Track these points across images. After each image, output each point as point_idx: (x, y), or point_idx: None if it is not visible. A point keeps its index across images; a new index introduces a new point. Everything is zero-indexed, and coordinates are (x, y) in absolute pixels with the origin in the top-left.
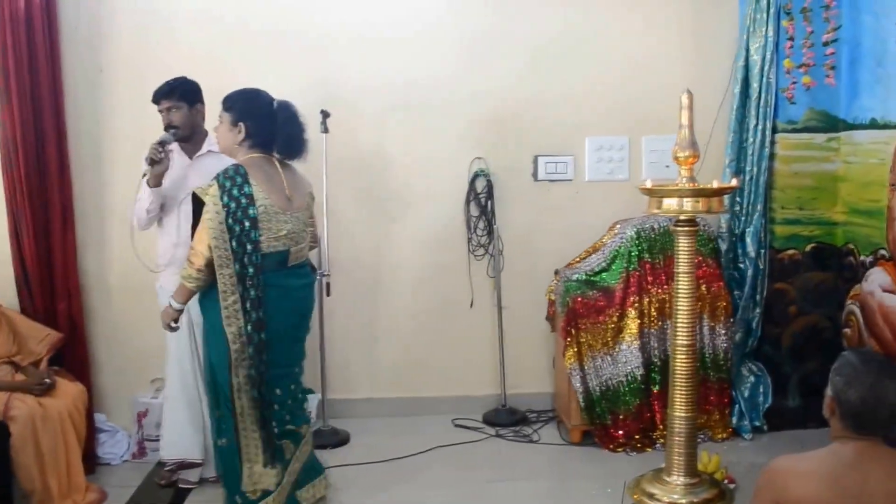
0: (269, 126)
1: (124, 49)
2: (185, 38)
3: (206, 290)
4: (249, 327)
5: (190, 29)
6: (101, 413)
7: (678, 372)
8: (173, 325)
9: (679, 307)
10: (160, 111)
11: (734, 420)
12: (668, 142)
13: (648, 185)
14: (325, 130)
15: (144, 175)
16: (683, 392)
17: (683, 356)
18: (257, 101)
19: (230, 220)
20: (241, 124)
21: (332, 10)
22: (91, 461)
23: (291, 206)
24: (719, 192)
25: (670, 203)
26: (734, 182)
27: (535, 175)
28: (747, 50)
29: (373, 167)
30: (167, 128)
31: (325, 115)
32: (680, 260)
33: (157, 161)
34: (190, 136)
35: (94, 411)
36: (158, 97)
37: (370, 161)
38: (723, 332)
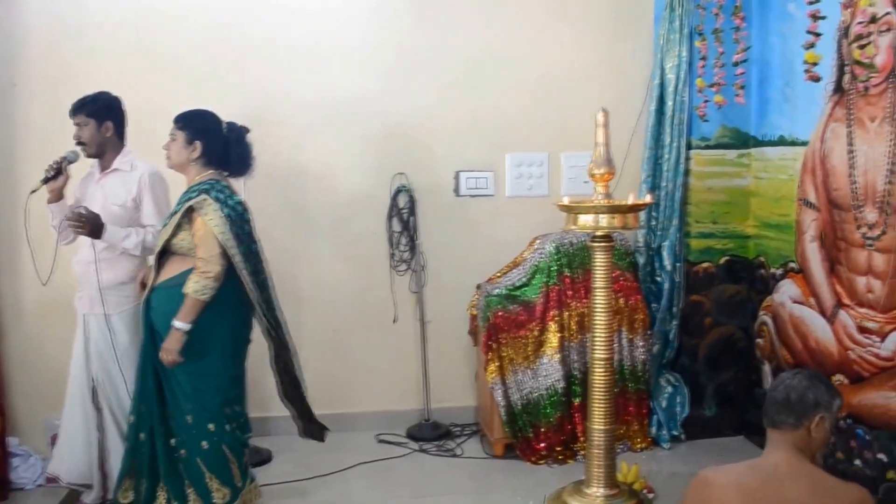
0: (222, 145)
1: (38, 63)
2: (101, 52)
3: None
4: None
5: (106, 43)
6: (14, 437)
7: (596, 385)
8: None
9: (596, 321)
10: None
11: (653, 430)
12: (587, 158)
13: (565, 201)
14: None
15: (33, 190)
16: (602, 405)
17: (601, 370)
18: (210, 120)
19: (235, 228)
20: (197, 142)
21: (253, 25)
22: (4, 486)
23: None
24: (634, 209)
25: (586, 219)
26: (649, 198)
27: (456, 190)
28: (662, 69)
29: (294, 182)
30: (77, 144)
31: (245, 130)
32: (597, 275)
33: (51, 178)
34: (99, 153)
35: (6, 435)
36: (70, 112)
37: (291, 176)
38: (641, 344)
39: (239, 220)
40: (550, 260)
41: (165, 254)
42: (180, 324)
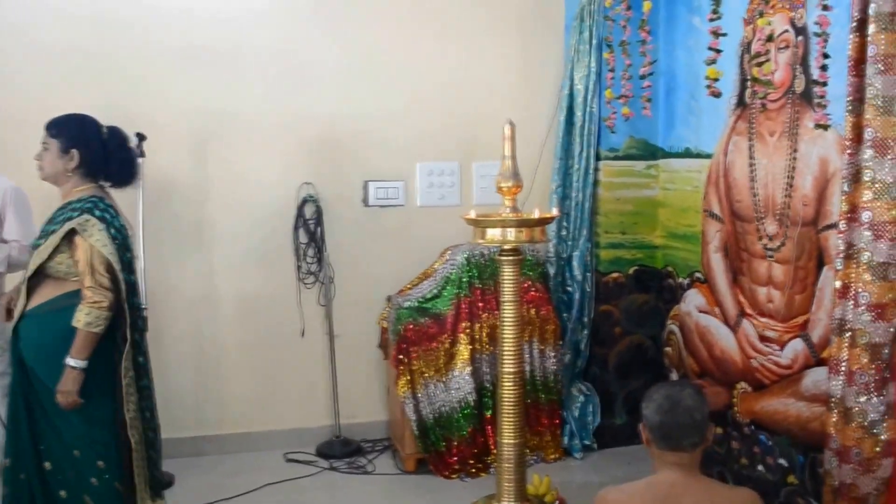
0: (102, 153)
1: None
2: None
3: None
4: (141, 358)
5: None
6: None
7: (505, 399)
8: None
9: (505, 335)
10: None
11: (565, 440)
12: (499, 168)
13: (472, 215)
14: (141, 155)
15: None
16: (511, 419)
17: (510, 384)
18: (88, 126)
19: (119, 253)
20: (74, 151)
21: (149, 28)
22: None
23: (133, 234)
24: (542, 222)
25: (494, 233)
26: (555, 211)
27: (365, 200)
28: (572, 79)
29: (195, 193)
30: None
31: (142, 138)
32: (505, 289)
33: None
34: None
35: None
36: None
37: (192, 187)
38: (552, 354)
39: (123, 245)
40: (461, 271)
41: (37, 276)
42: (75, 361)
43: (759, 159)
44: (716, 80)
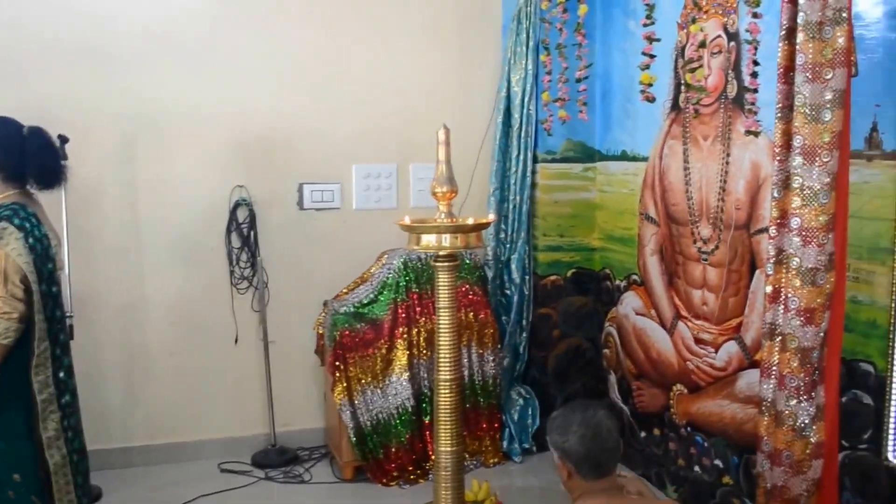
0: (20, 155)
1: None
2: None
3: None
4: (62, 373)
5: None
6: None
7: (442, 407)
8: None
9: (441, 342)
10: None
11: (505, 444)
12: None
13: (407, 221)
14: (64, 157)
15: None
16: (448, 426)
17: (447, 391)
18: (5, 128)
19: (39, 263)
20: None
21: (73, 25)
22: None
23: (59, 243)
24: (477, 228)
25: (429, 239)
26: (491, 216)
27: (300, 203)
28: (509, 81)
29: (123, 196)
30: None
31: (64, 140)
32: (441, 295)
33: None
34: None
35: None
36: None
37: (120, 189)
38: (491, 358)
39: (44, 255)
40: (398, 275)
41: None
42: None
43: (693, 163)
44: (649, 84)
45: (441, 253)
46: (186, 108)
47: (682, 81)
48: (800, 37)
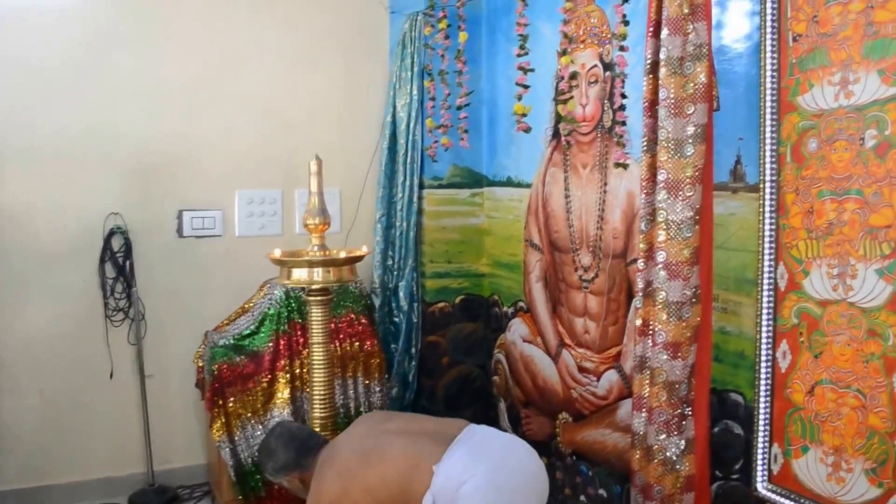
0: None
1: None
2: None
3: None
4: None
5: None
6: None
7: None
8: None
9: (315, 378)
10: None
11: None
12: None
13: (277, 254)
14: None
15: None
16: None
17: (320, 429)
18: None
19: None
20: None
21: None
22: None
23: None
24: (350, 261)
25: (300, 274)
26: (364, 249)
27: (180, 231)
28: (394, 107)
29: None
30: None
31: None
32: (314, 330)
33: None
34: None
35: None
36: None
37: None
38: (378, 388)
39: None
40: (280, 306)
41: None
42: None
43: (573, 191)
44: (524, 115)
45: (314, 287)
46: (56, 131)
47: (555, 112)
48: (662, 71)
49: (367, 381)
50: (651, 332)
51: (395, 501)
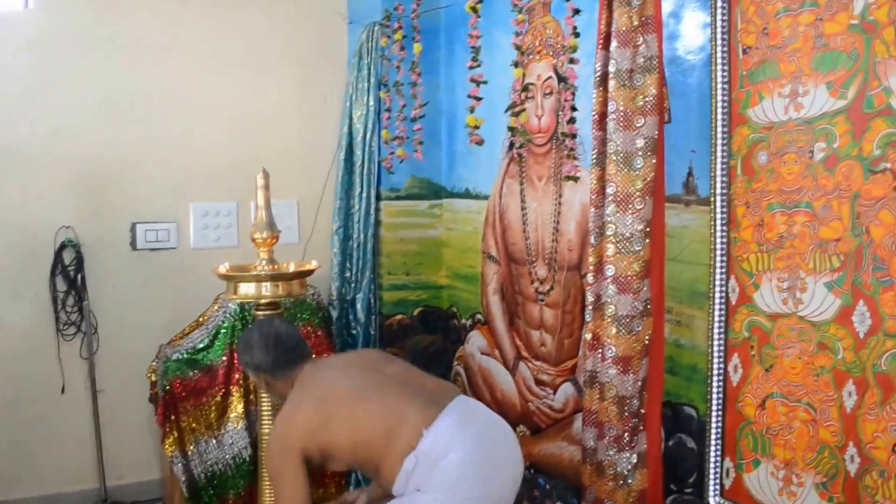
0: None
1: None
2: None
3: None
4: None
5: None
6: None
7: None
8: None
9: (263, 396)
10: None
11: (351, 488)
12: (280, 206)
13: (223, 268)
14: None
15: None
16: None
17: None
18: None
19: None
20: None
21: None
22: None
23: None
24: (300, 276)
25: (248, 289)
26: (314, 263)
27: (133, 244)
28: (351, 118)
29: None
30: None
31: None
32: None
33: None
34: None
35: None
36: None
37: None
38: None
39: None
40: (235, 319)
41: None
42: None
43: (529, 203)
44: (476, 127)
45: (262, 301)
46: (4, 143)
47: (508, 125)
48: (612, 84)
49: None
50: (601, 346)
51: (371, 449)
